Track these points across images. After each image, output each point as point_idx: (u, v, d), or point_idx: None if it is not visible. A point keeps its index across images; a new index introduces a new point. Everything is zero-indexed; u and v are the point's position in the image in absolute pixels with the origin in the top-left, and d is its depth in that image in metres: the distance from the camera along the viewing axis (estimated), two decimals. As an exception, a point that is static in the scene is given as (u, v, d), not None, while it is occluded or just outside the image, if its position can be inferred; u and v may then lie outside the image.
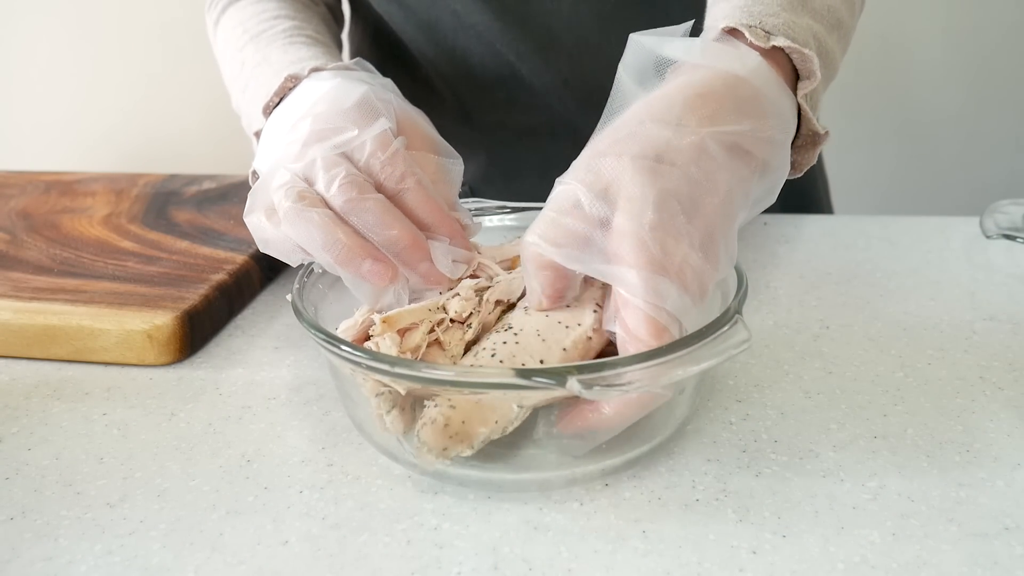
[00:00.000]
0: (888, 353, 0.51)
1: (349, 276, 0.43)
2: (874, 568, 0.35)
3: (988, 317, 0.55)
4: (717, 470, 0.41)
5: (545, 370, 0.35)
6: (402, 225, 0.43)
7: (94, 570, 0.37)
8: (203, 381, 0.51)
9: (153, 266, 0.61)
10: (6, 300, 0.56)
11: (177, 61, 1.53)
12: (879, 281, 0.61)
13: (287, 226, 0.42)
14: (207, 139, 1.57)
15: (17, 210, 0.73)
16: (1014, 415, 0.45)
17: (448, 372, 0.37)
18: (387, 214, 0.43)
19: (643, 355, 0.36)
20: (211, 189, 0.76)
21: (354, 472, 0.42)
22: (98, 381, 0.51)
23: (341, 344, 0.38)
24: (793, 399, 0.47)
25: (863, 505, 0.39)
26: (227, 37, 0.65)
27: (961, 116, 1.47)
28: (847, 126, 1.46)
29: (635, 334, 0.36)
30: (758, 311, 0.57)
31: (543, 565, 0.36)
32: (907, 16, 1.40)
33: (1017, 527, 0.37)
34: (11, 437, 0.46)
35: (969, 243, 0.67)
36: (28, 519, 0.40)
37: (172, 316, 0.53)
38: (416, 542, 0.37)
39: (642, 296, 0.36)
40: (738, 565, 0.36)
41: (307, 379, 0.51)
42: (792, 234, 0.70)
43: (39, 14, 1.54)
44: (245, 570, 0.36)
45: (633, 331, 0.36)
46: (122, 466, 0.43)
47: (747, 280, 0.43)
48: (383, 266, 0.42)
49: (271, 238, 0.44)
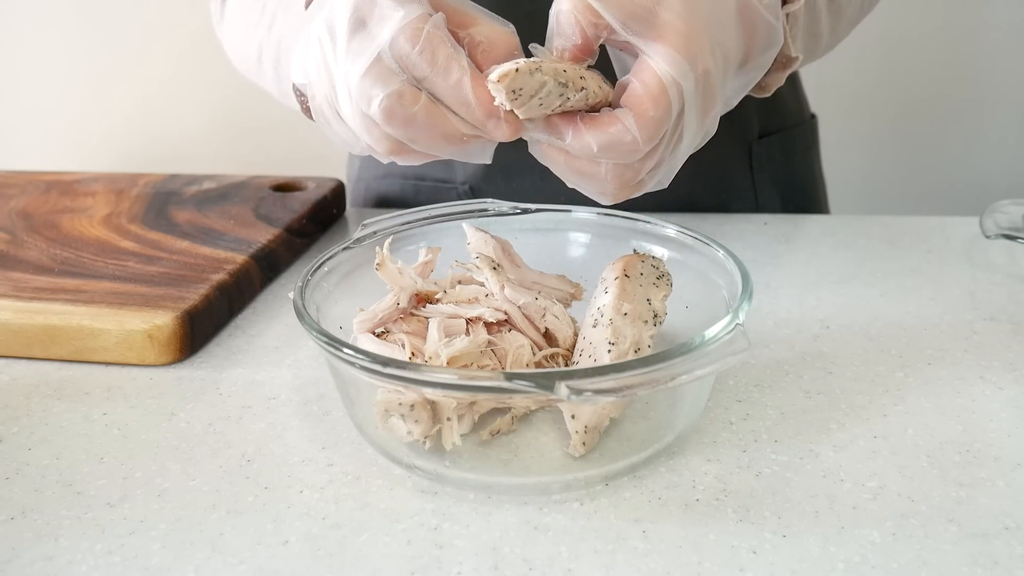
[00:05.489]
0: (888, 353, 0.51)
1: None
2: (874, 568, 0.35)
3: (988, 317, 0.55)
4: (717, 470, 0.41)
5: (534, 374, 0.36)
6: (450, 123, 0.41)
7: (94, 570, 0.37)
8: (203, 381, 0.51)
9: (153, 266, 0.61)
10: (6, 300, 0.56)
11: (178, 61, 1.53)
12: (879, 281, 0.61)
13: (388, 127, 0.41)
14: (207, 139, 1.57)
15: (17, 210, 0.73)
16: (1014, 415, 0.45)
17: (441, 374, 0.37)
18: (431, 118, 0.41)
19: (640, 360, 0.36)
20: (211, 189, 0.76)
21: (354, 472, 0.42)
22: (98, 381, 0.51)
23: (342, 346, 0.38)
24: (793, 399, 0.47)
25: (863, 505, 0.39)
26: (238, 7, 0.64)
27: (961, 116, 1.47)
28: (847, 126, 1.46)
29: (645, 89, 0.39)
30: (758, 311, 0.57)
31: (543, 565, 0.36)
32: (907, 16, 1.40)
33: (1017, 527, 0.37)
34: (11, 437, 0.46)
35: (969, 243, 0.67)
36: (28, 519, 0.40)
37: (172, 316, 0.53)
38: (416, 542, 0.37)
39: (669, 65, 0.38)
40: (738, 565, 0.36)
41: (307, 379, 0.51)
42: (792, 234, 0.70)
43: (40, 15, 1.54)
44: (245, 570, 0.36)
45: (644, 86, 0.39)
46: (122, 466, 0.43)
47: (752, 283, 0.43)
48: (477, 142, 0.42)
49: (344, 136, 0.44)
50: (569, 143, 0.40)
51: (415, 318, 0.46)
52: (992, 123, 1.47)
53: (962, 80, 1.45)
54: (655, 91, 0.39)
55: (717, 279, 0.47)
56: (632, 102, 0.39)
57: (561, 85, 0.39)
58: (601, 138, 0.39)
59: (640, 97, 0.39)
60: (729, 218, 0.73)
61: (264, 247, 0.63)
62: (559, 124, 0.41)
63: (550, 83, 0.39)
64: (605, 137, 0.39)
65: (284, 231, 0.66)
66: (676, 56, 0.39)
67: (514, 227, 0.54)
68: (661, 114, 0.39)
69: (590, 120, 0.40)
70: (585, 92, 0.40)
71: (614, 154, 0.40)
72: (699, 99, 0.40)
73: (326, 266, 0.48)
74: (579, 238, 0.54)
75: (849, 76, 1.40)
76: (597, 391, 0.35)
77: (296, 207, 0.70)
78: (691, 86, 0.39)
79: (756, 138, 0.77)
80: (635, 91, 0.39)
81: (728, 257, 0.46)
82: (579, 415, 0.41)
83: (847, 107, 1.45)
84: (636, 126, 0.39)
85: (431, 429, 0.40)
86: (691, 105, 0.40)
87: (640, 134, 0.39)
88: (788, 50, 0.48)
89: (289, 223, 0.67)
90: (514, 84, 0.38)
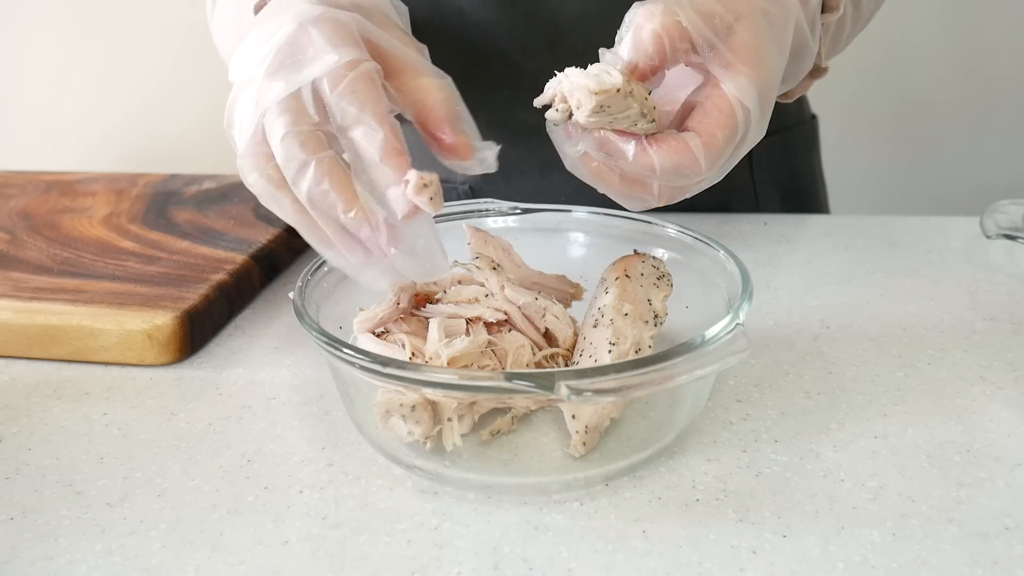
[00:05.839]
0: (888, 353, 0.51)
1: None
2: (874, 568, 0.35)
3: (988, 317, 0.55)
4: (717, 470, 0.41)
5: (534, 374, 0.36)
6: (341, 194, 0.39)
7: (94, 570, 0.37)
8: (203, 381, 0.51)
9: (153, 266, 0.61)
10: (6, 300, 0.56)
11: (178, 61, 1.53)
12: (879, 281, 0.61)
13: (265, 203, 0.41)
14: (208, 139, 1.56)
15: (17, 210, 0.73)
16: (1014, 415, 0.45)
17: (441, 374, 0.37)
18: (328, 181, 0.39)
19: (639, 361, 0.36)
20: (211, 189, 0.76)
21: (354, 472, 0.42)
22: (98, 381, 0.51)
23: (342, 346, 0.38)
24: (793, 399, 0.47)
25: (863, 505, 0.39)
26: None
27: (961, 116, 1.47)
28: (847, 126, 1.46)
29: (717, 115, 0.39)
30: (758, 311, 0.57)
31: (543, 565, 0.36)
32: (907, 16, 1.40)
33: (1017, 527, 0.37)
34: (11, 437, 0.46)
35: (969, 243, 0.67)
36: (28, 519, 0.40)
37: (172, 316, 0.53)
38: (416, 542, 0.37)
39: (740, 93, 0.39)
40: (738, 565, 0.36)
41: (307, 379, 0.51)
42: (792, 234, 0.70)
43: (40, 15, 1.54)
44: (245, 570, 0.36)
45: (717, 111, 0.39)
46: (122, 466, 0.43)
47: (752, 283, 0.43)
48: (349, 248, 0.40)
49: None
50: (631, 163, 0.39)
51: (415, 318, 0.46)
52: (992, 123, 1.47)
53: (962, 80, 1.45)
54: (726, 117, 0.38)
55: (717, 279, 0.47)
56: (702, 127, 0.39)
57: (641, 114, 0.38)
58: (666, 161, 0.39)
59: (711, 124, 0.39)
60: (729, 218, 0.73)
61: (264, 247, 0.63)
62: (617, 143, 0.39)
63: (635, 110, 0.38)
64: (671, 160, 0.39)
65: (284, 231, 0.66)
66: (749, 84, 0.39)
67: (514, 227, 0.54)
68: (728, 139, 0.39)
69: (656, 141, 0.39)
70: (654, 124, 0.39)
71: (675, 177, 0.39)
72: (762, 122, 0.40)
73: (326, 266, 0.48)
74: (579, 238, 0.54)
75: (849, 76, 1.40)
76: (597, 391, 0.35)
77: (296, 207, 0.70)
78: (757, 112, 0.39)
79: (756, 138, 0.77)
80: (706, 116, 0.39)
81: (728, 257, 0.46)
82: (580, 415, 0.41)
83: (847, 107, 1.45)
84: (703, 151, 0.38)
85: (432, 430, 0.40)
86: (754, 128, 0.40)
87: (705, 160, 0.38)
88: (820, 61, 0.48)
89: (289, 223, 0.67)
90: (606, 101, 0.37)
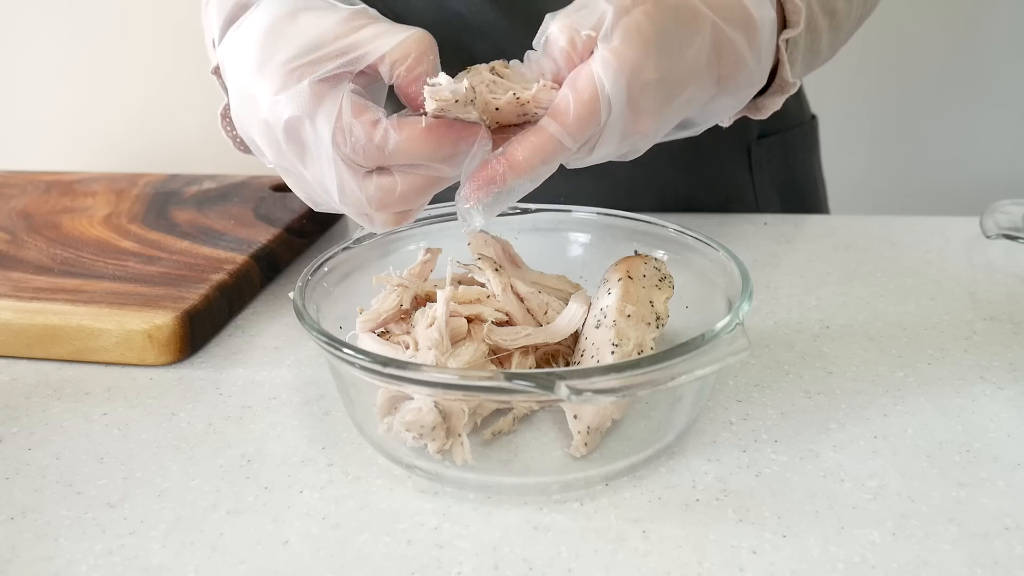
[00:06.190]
0: (888, 353, 0.51)
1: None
2: (874, 568, 0.35)
3: (988, 317, 0.55)
4: (717, 470, 0.41)
5: (534, 374, 0.36)
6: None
7: (94, 570, 0.37)
8: (203, 381, 0.51)
9: (153, 266, 0.61)
10: (6, 300, 0.56)
11: (179, 62, 1.53)
12: (879, 281, 0.61)
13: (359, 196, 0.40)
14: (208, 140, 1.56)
15: (17, 210, 0.73)
16: (1014, 415, 0.45)
17: (442, 374, 0.37)
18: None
19: (639, 361, 0.36)
20: (211, 189, 0.76)
21: (354, 472, 0.42)
22: (98, 381, 0.51)
23: (342, 346, 0.38)
24: (793, 399, 0.47)
25: (863, 505, 0.39)
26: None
27: (961, 116, 1.47)
28: (847, 126, 1.46)
29: (574, 90, 0.38)
30: (758, 311, 0.57)
31: (543, 565, 0.36)
32: (907, 16, 1.40)
33: (1017, 527, 0.37)
34: (11, 437, 0.46)
35: (969, 243, 0.67)
36: (28, 519, 0.40)
37: (172, 316, 0.53)
38: (416, 542, 0.37)
39: (606, 73, 0.38)
40: (738, 565, 0.36)
41: (307, 379, 0.51)
42: (792, 234, 0.70)
43: (41, 15, 1.54)
44: (245, 570, 0.36)
45: (576, 89, 0.38)
46: (122, 466, 0.43)
47: (752, 283, 0.43)
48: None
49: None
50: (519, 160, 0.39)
51: None
52: (992, 123, 1.47)
53: (962, 80, 1.45)
54: (579, 93, 0.38)
55: (717, 279, 0.47)
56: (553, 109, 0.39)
57: (480, 119, 0.39)
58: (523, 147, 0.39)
59: (565, 95, 0.38)
60: (729, 218, 0.73)
61: (264, 247, 0.63)
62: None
63: (473, 116, 0.38)
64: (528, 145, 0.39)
65: (284, 231, 0.66)
66: (614, 63, 0.38)
67: (514, 227, 0.54)
68: (584, 113, 0.38)
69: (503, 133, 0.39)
70: (497, 123, 0.40)
71: (539, 156, 0.39)
72: (632, 113, 0.39)
73: (326, 266, 0.48)
74: (579, 238, 0.54)
75: (849, 76, 1.40)
76: (597, 391, 0.35)
77: (296, 207, 0.70)
78: (621, 99, 0.38)
79: (756, 139, 0.77)
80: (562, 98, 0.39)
81: (728, 257, 0.46)
82: (582, 416, 0.41)
83: (847, 107, 1.45)
84: (562, 131, 0.38)
85: (446, 444, 0.40)
86: (618, 114, 0.39)
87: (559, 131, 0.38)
88: (785, 75, 0.47)
89: (289, 223, 0.67)
90: (445, 106, 0.38)
